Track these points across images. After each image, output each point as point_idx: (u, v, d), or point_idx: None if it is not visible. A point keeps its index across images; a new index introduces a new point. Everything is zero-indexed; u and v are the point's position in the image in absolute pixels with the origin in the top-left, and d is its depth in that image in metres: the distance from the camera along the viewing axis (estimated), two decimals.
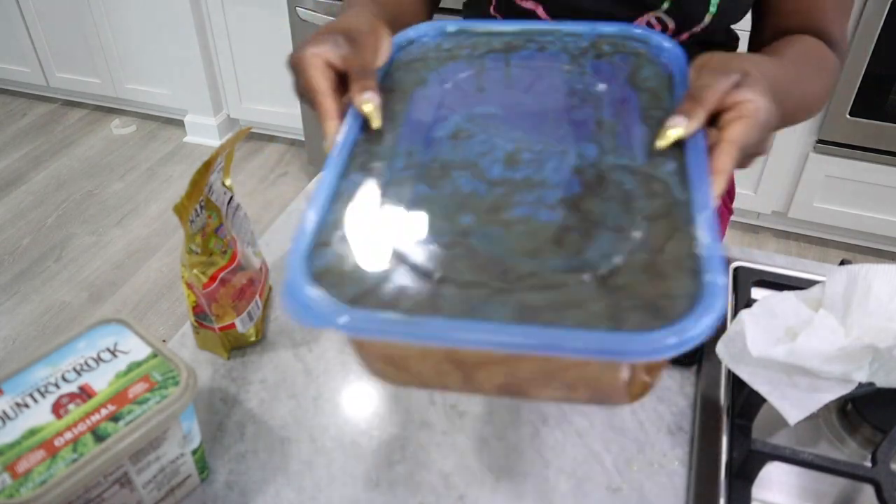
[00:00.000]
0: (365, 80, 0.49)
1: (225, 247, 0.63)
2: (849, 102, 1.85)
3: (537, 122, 0.50)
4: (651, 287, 0.37)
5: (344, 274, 0.40)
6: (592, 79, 0.53)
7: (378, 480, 0.57)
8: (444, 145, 0.49)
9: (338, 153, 0.47)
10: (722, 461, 0.57)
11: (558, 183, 0.45)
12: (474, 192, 0.45)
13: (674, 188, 0.43)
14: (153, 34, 2.52)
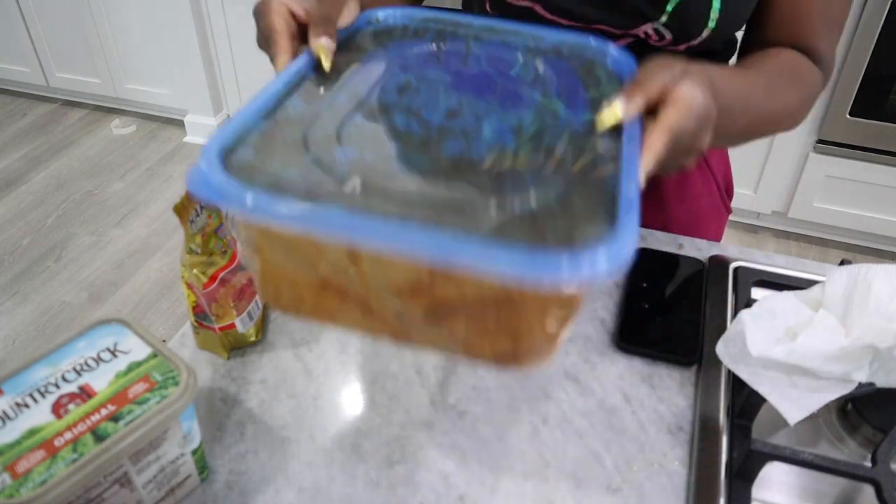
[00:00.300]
0: (325, 26, 0.51)
1: (225, 247, 0.64)
2: (849, 102, 1.85)
3: (484, 91, 0.50)
4: (561, 223, 0.37)
5: (256, 168, 0.39)
6: (545, 68, 0.54)
7: (378, 480, 0.57)
8: (389, 93, 0.49)
9: (282, 75, 0.48)
10: (722, 461, 0.57)
11: (494, 135, 0.45)
12: (408, 131, 0.45)
13: (604, 156, 0.43)
14: (153, 34, 2.52)
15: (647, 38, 0.67)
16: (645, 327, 0.69)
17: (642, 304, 0.71)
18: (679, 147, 0.46)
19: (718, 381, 0.63)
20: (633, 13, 0.65)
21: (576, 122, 0.47)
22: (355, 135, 0.44)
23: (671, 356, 0.67)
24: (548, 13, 0.69)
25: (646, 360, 0.67)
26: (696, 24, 0.64)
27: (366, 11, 0.59)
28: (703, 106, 0.46)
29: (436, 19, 0.59)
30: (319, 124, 0.44)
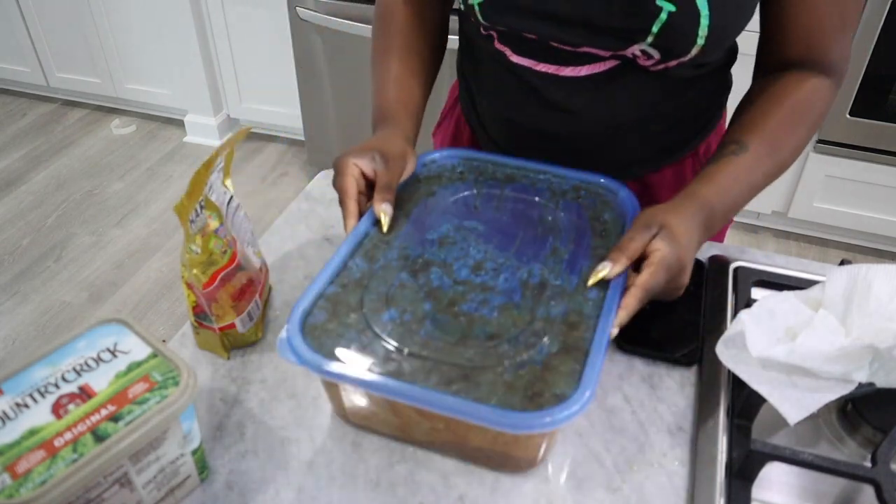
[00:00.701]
0: (386, 193, 0.66)
1: (225, 247, 0.63)
2: (849, 102, 1.85)
3: (507, 241, 0.66)
4: (539, 383, 0.52)
5: (326, 332, 0.56)
6: (562, 214, 0.69)
7: (378, 480, 0.57)
8: (431, 247, 0.65)
9: (349, 241, 0.64)
10: (722, 461, 0.57)
11: (505, 290, 0.60)
12: (440, 287, 0.60)
13: (588, 315, 0.57)
14: (153, 34, 2.52)
15: (635, 59, 0.67)
16: (645, 327, 0.69)
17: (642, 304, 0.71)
18: (657, 293, 0.59)
19: (718, 381, 0.63)
20: (619, 36, 0.65)
21: (574, 275, 0.61)
22: (399, 295, 0.60)
23: (671, 356, 0.67)
24: (535, 37, 0.69)
25: (646, 360, 0.67)
26: (684, 44, 0.64)
27: (424, 154, 0.75)
28: (673, 261, 0.58)
29: (476, 158, 0.76)
30: (374, 286, 0.60)
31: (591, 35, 0.66)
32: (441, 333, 0.56)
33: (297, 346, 0.54)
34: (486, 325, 0.57)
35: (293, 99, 2.44)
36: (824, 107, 0.69)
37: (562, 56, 0.70)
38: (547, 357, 0.54)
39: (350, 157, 0.66)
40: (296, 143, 2.69)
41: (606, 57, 0.68)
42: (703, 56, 0.65)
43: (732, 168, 0.65)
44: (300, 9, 2.05)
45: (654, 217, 0.61)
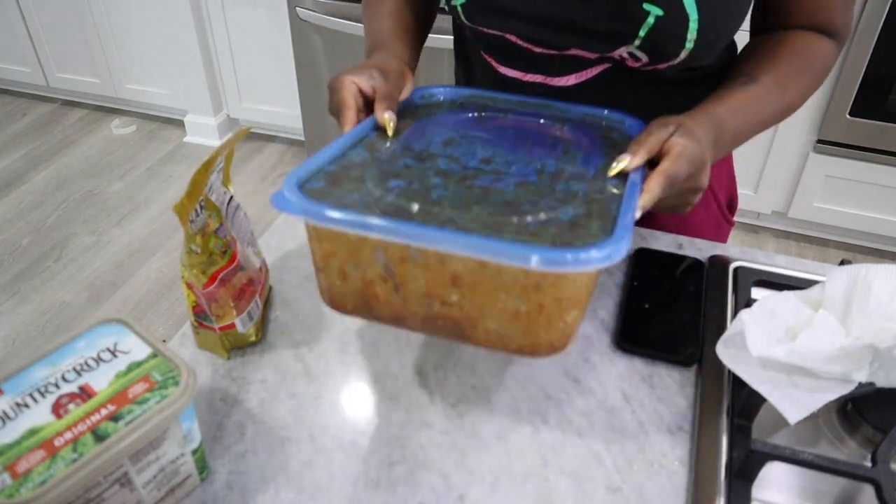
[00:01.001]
0: (388, 102, 0.63)
1: (225, 247, 0.63)
2: (849, 102, 1.85)
3: (516, 144, 0.62)
4: (568, 236, 0.47)
5: (325, 193, 0.51)
6: (569, 129, 0.66)
7: (378, 480, 0.57)
8: (435, 145, 0.61)
9: (349, 133, 0.60)
10: (722, 461, 0.57)
11: (519, 174, 0.56)
12: (449, 170, 0.56)
13: (610, 194, 0.54)
14: (153, 34, 2.52)
15: (623, 61, 0.67)
16: (645, 327, 0.69)
17: (642, 304, 0.71)
18: (676, 188, 0.56)
19: (718, 381, 0.63)
20: (606, 38, 0.64)
21: (591, 168, 0.58)
22: (405, 171, 0.56)
23: (671, 356, 0.67)
24: (521, 41, 0.68)
25: (646, 360, 0.67)
26: (673, 47, 0.63)
27: (419, 88, 0.71)
28: (695, 153, 0.56)
29: (479, 95, 0.72)
30: (377, 166, 0.57)
31: (578, 37, 0.65)
32: (454, 198, 0.51)
33: (295, 199, 0.49)
34: (503, 195, 0.52)
35: (293, 99, 2.44)
36: (829, 62, 0.69)
37: (550, 65, 0.69)
38: (573, 217, 0.50)
39: (346, 75, 0.63)
40: (296, 143, 2.69)
41: (594, 60, 0.68)
42: (692, 59, 0.65)
43: (743, 96, 0.64)
44: (300, 9, 2.05)
45: (670, 119, 0.58)
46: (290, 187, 0.50)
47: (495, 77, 0.73)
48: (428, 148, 0.60)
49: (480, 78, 0.77)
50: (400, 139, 0.62)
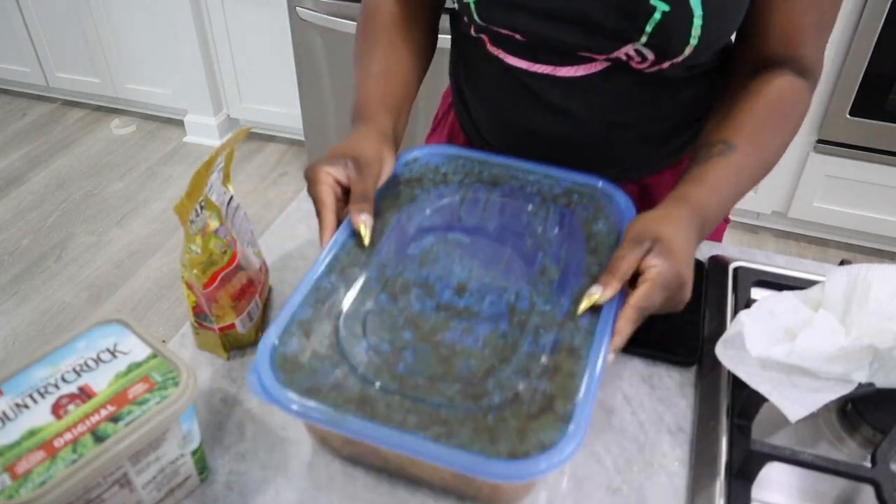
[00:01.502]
0: (363, 203, 0.62)
1: (225, 247, 0.63)
2: (849, 102, 1.85)
3: (494, 257, 0.61)
4: (527, 428, 0.48)
5: (299, 365, 0.52)
6: (553, 225, 0.64)
7: (378, 480, 0.57)
8: (412, 263, 0.61)
9: (324, 256, 0.60)
10: (722, 461, 0.57)
11: (491, 316, 0.56)
12: (422, 312, 0.56)
13: (578, 344, 0.53)
14: (153, 34, 2.52)
15: (628, 60, 0.67)
16: (645, 327, 0.68)
17: None
18: (654, 311, 0.55)
19: (718, 381, 0.63)
20: (612, 36, 0.64)
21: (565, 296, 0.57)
22: (377, 324, 0.55)
23: (671, 356, 0.67)
24: (526, 40, 0.69)
25: (646, 360, 0.67)
26: (678, 44, 0.63)
27: (404, 153, 0.72)
28: (670, 278, 0.54)
29: (464, 157, 0.71)
30: (350, 310, 0.56)
31: (587, 35, 0.66)
32: (421, 367, 0.52)
33: (266, 383, 0.50)
34: (469, 358, 0.53)
35: (293, 99, 2.44)
36: (803, 108, 0.70)
37: (557, 56, 0.70)
38: (534, 399, 0.50)
39: (322, 166, 0.62)
40: (296, 143, 2.69)
41: (600, 60, 0.68)
42: (695, 57, 0.65)
43: (721, 169, 0.63)
44: (300, 9, 2.05)
45: (645, 230, 0.56)
46: (264, 360, 0.52)
47: (501, 67, 0.73)
48: (402, 272, 0.59)
49: (483, 70, 0.77)
50: (376, 255, 0.61)
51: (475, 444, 0.47)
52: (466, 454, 0.46)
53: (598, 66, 0.69)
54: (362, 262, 0.60)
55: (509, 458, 0.46)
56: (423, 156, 0.72)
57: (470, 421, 0.48)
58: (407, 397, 0.50)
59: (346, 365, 0.52)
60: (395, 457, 0.55)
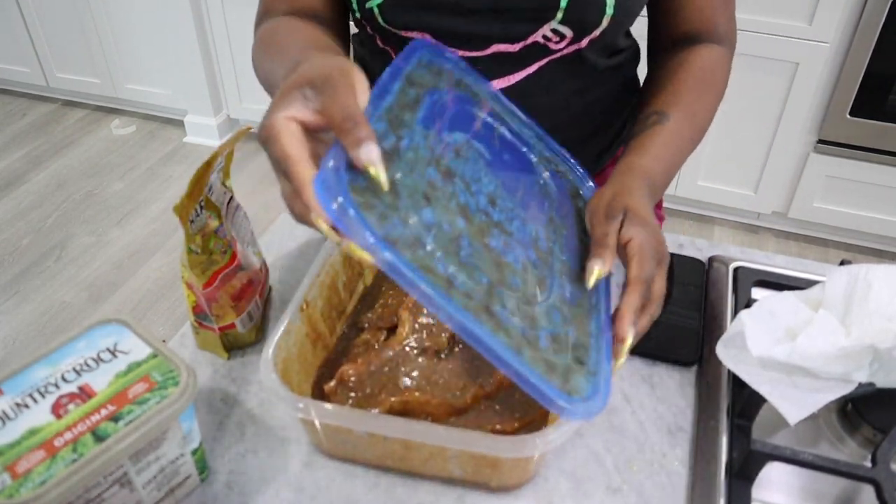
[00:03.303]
0: (356, 129, 0.43)
1: (225, 247, 0.63)
2: (849, 102, 1.85)
3: (511, 185, 0.58)
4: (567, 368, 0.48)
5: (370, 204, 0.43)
6: (551, 181, 0.63)
7: (378, 480, 0.57)
8: (449, 152, 0.53)
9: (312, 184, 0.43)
10: (722, 461, 0.57)
11: (521, 241, 0.54)
12: (467, 206, 0.51)
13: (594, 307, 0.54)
14: (153, 34, 2.52)
15: (546, 42, 0.66)
16: None
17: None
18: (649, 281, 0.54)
19: (718, 381, 0.63)
20: (526, 19, 0.64)
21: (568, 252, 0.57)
22: (434, 197, 0.48)
23: (671, 356, 0.67)
24: (438, 39, 0.67)
25: (646, 360, 0.67)
26: (593, 14, 0.64)
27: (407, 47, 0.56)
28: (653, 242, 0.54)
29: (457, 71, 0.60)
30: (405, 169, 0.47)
31: (501, 22, 0.65)
32: (479, 263, 0.47)
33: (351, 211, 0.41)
34: (515, 276, 0.50)
35: None
36: (726, 73, 0.73)
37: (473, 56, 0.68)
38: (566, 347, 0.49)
39: (276, 113, 0.44)
40: None
41: (516, 53, 0.67)
42: (612, 30, 0.66)
43: (660, 137, 0.65)
44: None
45: (614, 203, 0.56)
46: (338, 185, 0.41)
47: None
48: (444, 156, 0.51)
49: None
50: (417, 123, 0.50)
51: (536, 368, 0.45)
52: (536, 374, 0.44)
53: (513, 77, 0.69)
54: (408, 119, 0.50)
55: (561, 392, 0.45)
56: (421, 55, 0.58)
57: (528, 344, 0.46)
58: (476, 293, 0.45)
59: (418, 227, 0.45)
60: (391, 452, 0.55)
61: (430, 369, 0.61)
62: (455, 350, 0.63)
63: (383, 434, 0.52)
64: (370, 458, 0.57)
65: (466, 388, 0.59)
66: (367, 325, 0.67)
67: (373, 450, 0.56)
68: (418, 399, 0.57)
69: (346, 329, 0.68)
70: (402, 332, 0.64)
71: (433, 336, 0.63)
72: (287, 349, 0.57)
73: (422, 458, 0.55)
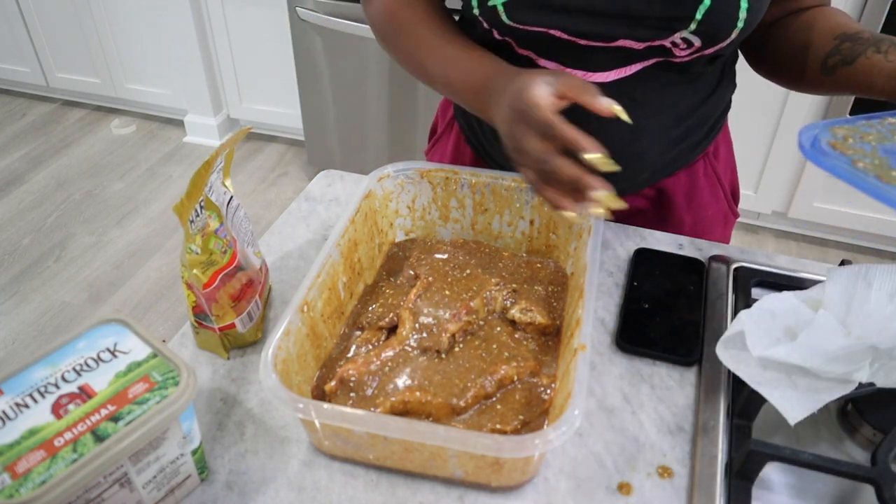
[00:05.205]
0: (595, 91, 0.56)
1: (225, 247, 0.63)
2: (849, 102, 1.85)
3: None
4: None
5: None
6: None
7: (378, 480, 0.57)
8: None
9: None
10: (722, 461, 0.57)
11: None
12: None
13: None
14: (153, 34, 2.52)
15: (670, 49, 0.66)
16: (645, 327, 0.69)
17: (642, 304, 0.71)
18: None
19: (718, 381, 0.63)
20: (659, 26, 0.64)
21: None
22: None
23: (671, 356, 0.67)
24: (565, 35, 0.67)
25: (646, 360, 0.67)
26: (726, 27, 0.64)
27: None
28: None
29: None
30: None
31: (630, 27, 0.65)
32: None
33: None
34: None
35: (293, 99, 2.44)
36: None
37: (593, 58, 0.68)
38: None
39: (534, 90, 0.57)
40: (296, 143, 2.69)
41: (640, 50, 0.67)
42: (738, 39, 0.65)
43: None
44: (300, 9, 2.05)
45: None
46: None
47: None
48: None
49: None
50: None
51: None
52: None
53: (631, 69, 0.69)
54: None
55: None
56: None
57: None
58: None
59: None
60: (391, 452, 0.55)
61: (430, 369, 0.61)
62: (455, 350, 0.63)
63: (383, 434, 0.52)
64: (370, 458, 0.57)
65: (466, 388, 0.59)
66: (367, 325, 0.67)
67: (373, 450, 0.56)
68: (418, 399, 0.57)
69: (346, 329, 0.68)
70: (402, 332, 0.64)
71: (433, 336, 0.63)
72: (287, 349, 0.57)
73: (422, 458, 0.55)
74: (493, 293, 0.67)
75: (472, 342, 0.64)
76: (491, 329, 0.66)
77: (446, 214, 0.77)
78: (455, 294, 0.67)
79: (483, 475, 0.55)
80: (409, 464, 0.56)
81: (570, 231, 0.73)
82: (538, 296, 0.69)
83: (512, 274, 0.72)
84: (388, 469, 0.58)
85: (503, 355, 0.63)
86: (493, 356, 0.63)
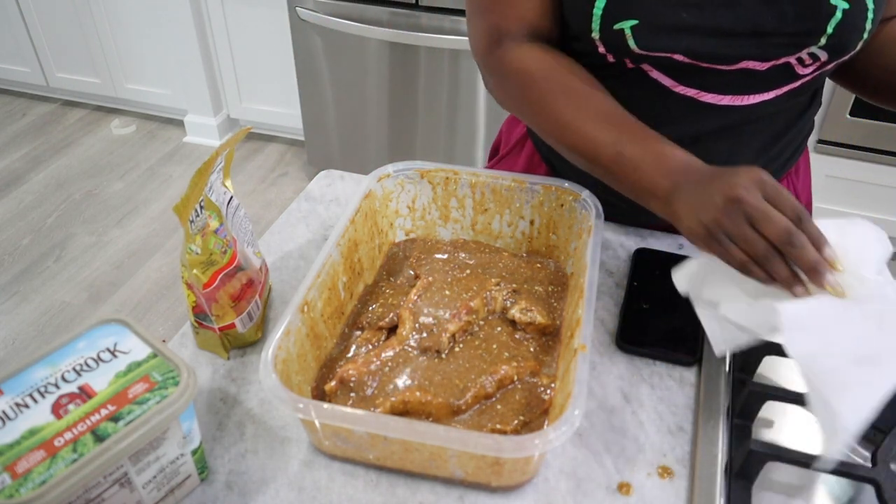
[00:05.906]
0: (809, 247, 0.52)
1: (225, 247, 0.63)
2: (849, 102, 1.85)
3: None
4: None
5: None
6: None
7: (378, 480, 0.57)
8: None
9: None
10: (722, 461, 0.57)
11: None
12: None
13: None
14: (153, 34, 2.52)
15: (797, 64, 0.65)
16: (645, 327, 0.69)
17: (642, 304, 0.71)
18: None
19: (718, 381, 0.63)
20: (789, 42, 0.63)
21: None
22: None
23: (671, 356, 0.67)
24: (687, 59, 0.65)
25: (646, 360, 0.67)
26: (854, 39, 0.63)
27: None
28: None
29: None
30: None
31: (755, 46, 0.63)
32: None
33: None
34: None
35: (293, 99, 2.44)
36: None
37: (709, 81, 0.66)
38: None
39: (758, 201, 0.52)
40: (296, 143, 2.69)
41: (763, 71, 0.66)
42: (859, 51, 0.65)
43: None
44: (300, 9, 2.04)
45: None
46: None
47: (668, 97, 0.68)
48: None
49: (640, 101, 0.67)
50: None
51: None
52: None
53: (754, 98, 0.68)
54: None
55: None
56: None
57: None
58: None
59: None
60: (391, 452, 0.55)
61: (431, 369, 0.61)
62: (455, 350, 0.63)
63: (383, 434, 0.52)
64: (370, 458, 0.57)
65: (466, 388, 0.59)
66: (367, 325, 0.67)
67: (373, 450, 0.56)
68: (419, 399, 0.57)
69: (346, 329, 0.68)
70: (402, 332, 0.64)
71: (433, 336, 0.63)
72: (287, 349, 0.57)
73: (422, 458, 0.55)
74: (493, 293, 0.67)
75: (472, 342, 0.64)
76: (491, 329, 0.66)
77: (446, 214, 0.77)
78: (455, 294, 0.67)
79: (483, 475, 0.55)
80: (409, 464, 0.56)
81: (570, 231, 0.73)
82: (538, 296, 0.69)
83: (512, 274, 0.72)
84: (388, 469, 0.58)
85: (503, 355, 0.63)
86: (493, 356, 0.63)
